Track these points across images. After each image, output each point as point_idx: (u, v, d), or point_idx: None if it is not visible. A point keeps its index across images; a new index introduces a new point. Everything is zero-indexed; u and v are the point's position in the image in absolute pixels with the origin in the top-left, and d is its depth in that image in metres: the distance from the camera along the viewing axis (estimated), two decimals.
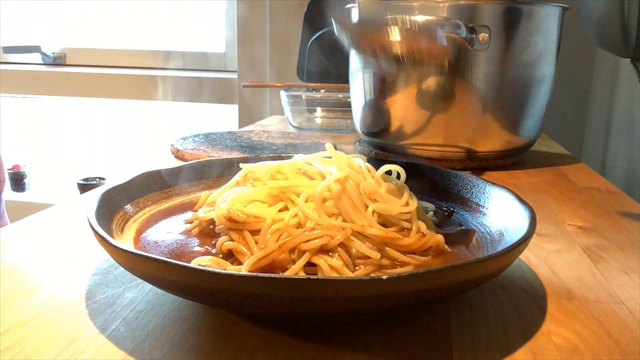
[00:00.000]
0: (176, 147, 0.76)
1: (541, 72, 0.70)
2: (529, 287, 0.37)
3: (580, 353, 0.29)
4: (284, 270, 0.32)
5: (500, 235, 0.38)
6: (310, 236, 0.32)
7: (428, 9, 0.66)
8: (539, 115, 0.73)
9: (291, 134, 0.91)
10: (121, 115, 1.89)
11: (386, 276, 0.26)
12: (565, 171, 0.72)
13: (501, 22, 0.66)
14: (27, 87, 1.76)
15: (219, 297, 0.27)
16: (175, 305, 0.33)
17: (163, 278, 0.28)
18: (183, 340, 0.29)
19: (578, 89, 1.26)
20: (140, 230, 0.39)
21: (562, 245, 0.45)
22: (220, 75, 1.65)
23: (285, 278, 0.26)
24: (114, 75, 1.70)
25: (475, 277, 0.29)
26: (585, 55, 1.24)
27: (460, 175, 0.46)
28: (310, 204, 0.35)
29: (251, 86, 1.13)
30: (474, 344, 0.29)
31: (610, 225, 0.50)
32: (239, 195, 0.37)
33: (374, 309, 0.28)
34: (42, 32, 1.84)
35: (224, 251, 0.34)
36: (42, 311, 0.32)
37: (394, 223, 0.36)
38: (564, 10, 0.70)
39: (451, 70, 0.67)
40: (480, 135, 0.69)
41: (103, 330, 0.30)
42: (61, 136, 1.95)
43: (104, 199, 0.37)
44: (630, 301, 0.35)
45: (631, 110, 0.98)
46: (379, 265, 0.33)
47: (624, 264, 0.41)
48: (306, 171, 0.38)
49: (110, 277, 0.37)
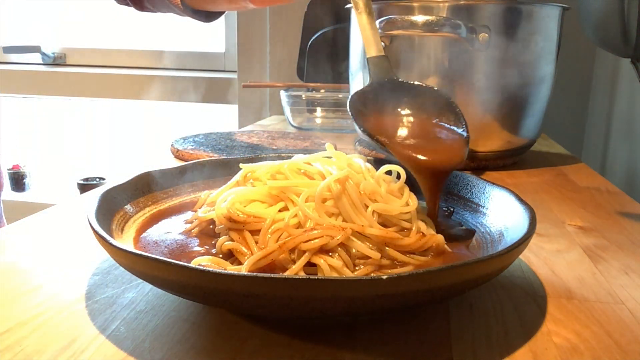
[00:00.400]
0: (176, 147, 0.76)
1: (541, 72, 0.70)
2: (529, 287, 0.37)
3: (580, 353, 0.29)
4: (284, 270, 0.32)
5: (500, 235, 0.38)
6: (310, 236, 0.32)
7: (428, 9, 0.66)
8: (539, 115, 0.73)
9: (291, 134, 0.91)
10: (121, 115, 1.89)
11: (386, 276, 0.26)
12: (565, 171, 0.72)
13: (501, 22, 0.66)
14: (27, 87, 1.76)
15: (219, 297, 0.27)
16: (175, 305, 0.33)
17: (163, 278, 0.28)
18: (183, 340, 0.29)
19: (578, 89, 1.26)
20: (140, 230, 0.39)
21: (562, 245, 0.45)
22: (220, 75, 1.65)
23: (285, 278, 0.26)
24: (114, 75, 1.70)
25: (475, 277, 0.29)
26: (585, 55, 1.24)
27: (460, 175, 0.46)
28: (310, 204, 0.35)
29: (251, 86, 1.13)
30: (474, 344, 0.29)
31: (610, 225, 0.50)
32: (238, 195, 0.37)
33: (374, 309, 0.28)
34: (42, 32, 1.84)
35: (224, 251, 0.34)
36: (42, 311, 0.32)
37: (394, 223, 0.36)
38: (564, 10, 0.70)
39: (451, 70, 0.67)
40: (480, 135, 0.69)
41: (103, 330, 0.30)
42: (61, 136, 1.95)
43: (104, 199, 0.37)
44: (630, 301, 0.35)
45: (631, 110, 0.98)
46: (379, 265, 0.33)
47: (624, 264, 0.41)
48: (306, 171, 0.38)
49: (110, 277, 0.37)
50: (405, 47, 0.68)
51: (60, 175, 1.95)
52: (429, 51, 0.68)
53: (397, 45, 0.68)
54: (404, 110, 0.49)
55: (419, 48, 0.68)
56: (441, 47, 0.67)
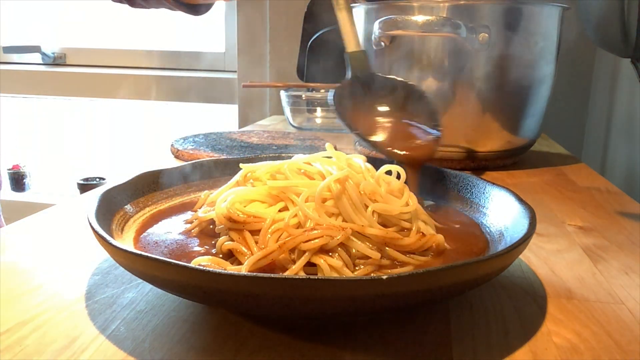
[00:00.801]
0: (176, 147, 0.76)
1: (541, 72, 0.70)
2: (529, 287, 0.37)
3: (580, 353, 0.29)
4: (284, 270, 0.32)
5: (500, 235, 0.38)
6: (310, 236, 0.32)
7: (428, 9, 0.66)
8: (539, 115, 0.73)
9: (291, 134, 0.91)
10: (121, 115, 1.89)
11: (386, 276, 0.26)
12: (565, 171, 0.72)
13: (501, 22, 0.66)
14: (27, 87, 1.76)
15: (219, 297, 0.27)
16: (175, 305, 0.33)
17: (163, 278, 0.28)
18: (183, 340, 0.29)
19: (578, 89, 1.26)
20: (140, 230, 0.39)
21: (562, 245, 0.45)
22: (220, 75, 1.65)
23: (285, 278, 0.26)
24: (114, 75, 1.70)
25: (475, 277, 0.29)
26: (585, 55, 1.24)
27: (460, 175, 0.46)
28: (310, 204, 0.35)
29: (251, 86, 1.13)
30: (474, 344, 0.29)
31: (610, 225, 0.50)
32: (238, 195, 0.37)
33: (374, 309, 0.28)
34: (42, 32, 1.84)
35: (224, 251, 0.34)
36: (42, 311, 0.32)
37: (394, 223, 0.36)
38: (564, 10, 0.70)
39: (451, 70, 0.67)
40: (480, 135, 0.69)
41: (103, 330, 0.30)
42: (61, 136, 1.95)
43: (104, 199, 0.37)
44: (630, 301, 0.35)
45: (631, 110, 0.98)
46: (379, 265, 0.33)
47: (624, 264, 0.41)
48: (306, 171, 0.38)
49: (110, 277, 0.37)
50: (405, 47, 0.68)
51: (60, 175, 1.95)
52: (429, 51, 0.68)
53: (397, 45, 0.68)
54: (382, 104, 0.54)
55: (419, 48, 0.68)
56: (441, 47, 0.67)
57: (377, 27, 0.65)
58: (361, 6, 0.73)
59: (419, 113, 0.53)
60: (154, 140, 1.82)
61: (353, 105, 0.54)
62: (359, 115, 0.53)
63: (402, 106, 0.54)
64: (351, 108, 0.53)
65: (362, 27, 0.73)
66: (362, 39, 0.73)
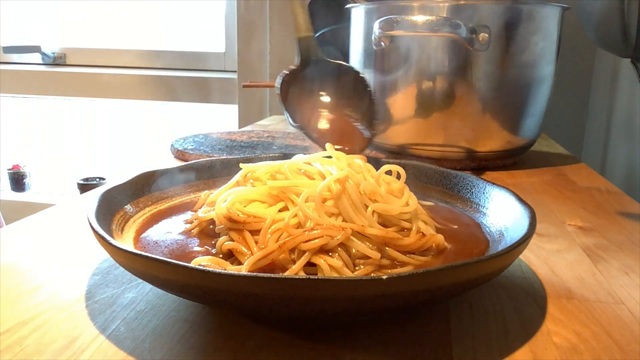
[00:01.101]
0: (176, 147, 0.76)
1: (541, 72, 0.70)
2: (529, 287, 0.37)
3: (580, 353, 0.29)
4: (284, 270, 0.32)
5: (500, 235, 0.38)
6: (310, 236, 0.32)
7: (428, 9, 0.66)
8: (539, 115, 0.73)
9: (291, 134, 0.91)
10: (121, 115, 1.89)
11: (386, 276, 0.26)
12: (565, 171, 0.72)
13: (501, 22, 0.66)
14: (27, 87, 1.76)
15: (219, 297, 0.27)
16: (175, 305, 0.33)
17: (163, 278, 0.28)
18: (183, 340, 0.29)
19: (578, 89, 1.26)
20: (140, 230, 0.39)
21: (562, 245, 0.45)
22: (220, 75, 1.65)
23: (285, 278, 0.26)
24: (114, 75, 1.70)
25: (475, 277, 0.29)
26: (585, 55, 1.24)
27: (460, 175, 0.46)
28: (310, 204, 0.35)
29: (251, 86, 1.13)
30: (474, 344, 0.29)
31: (610, 225, 0.50)
32: (238, 195, 0.37)
33: (374, 309, 0.28)
34: (42, 32, 1.84)
35: (224, 251, 0.34)
36: (42, 311, 0.32)
37: (394, 223, 0.36)
38: (564, 10, 0.70)
39: (451, 70, 0.67)
40: (480, 135, 0.69)
41: (103, 330, 0.30)
42: (61, 136, 1.95)
43: (104, 199, 0.37)
44: (630, 301, 0.35)
45: (631, 110, 0.98)
46: (379, 265, 0.33)
47: (624, 264, 0.41)
48: (306, 171, 0.38)
49: (110, 277, 0.37)
50: (405, 47, 0.68)
51: (60, 175, 1.95)
52: (429, 51, 0.68)
53: (397, 45, 0.68)
54: (325, 92, 0.55)
55: (419, 48, 0.68)
56: (441, 47, 0.67)
57: (377, 27, 0.65)
58: (361, 6, 0.73)
59: (359, 105, 0.54)
60: (154, 140, 1.82)
61: (298, 91, 0.54)
62: (300, 102, 0.54)
63: (344, 95, 0.54)
64: (295, 94, 0.54)
65: (362, 27, 0.73)
66: (362, 39, 0.74)
